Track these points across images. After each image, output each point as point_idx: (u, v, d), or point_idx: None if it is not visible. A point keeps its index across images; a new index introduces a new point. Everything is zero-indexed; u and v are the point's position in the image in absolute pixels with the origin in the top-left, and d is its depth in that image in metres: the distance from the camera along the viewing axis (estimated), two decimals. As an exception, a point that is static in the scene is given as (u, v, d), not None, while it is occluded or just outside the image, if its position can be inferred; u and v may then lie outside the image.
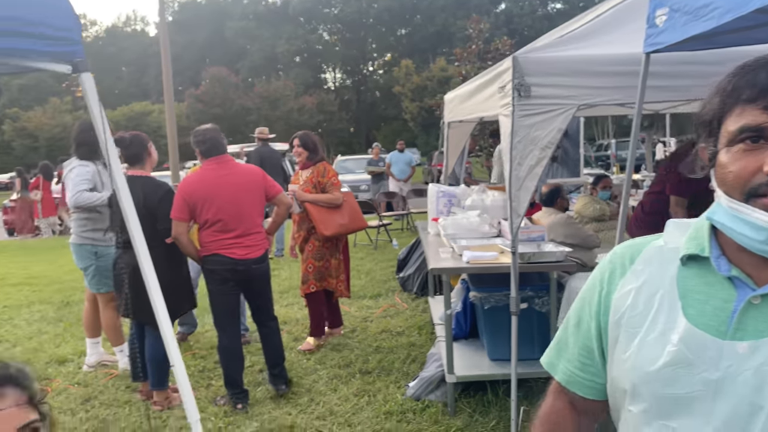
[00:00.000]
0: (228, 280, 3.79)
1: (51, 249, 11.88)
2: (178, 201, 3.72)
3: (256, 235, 3.85)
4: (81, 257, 4.57)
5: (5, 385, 1.06)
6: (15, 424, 1.03)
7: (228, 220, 3.74)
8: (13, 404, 1.04)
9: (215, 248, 3.76)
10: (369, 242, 9.90)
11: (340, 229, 4.81)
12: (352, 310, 6.02)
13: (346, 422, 3.64)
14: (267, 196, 3.94)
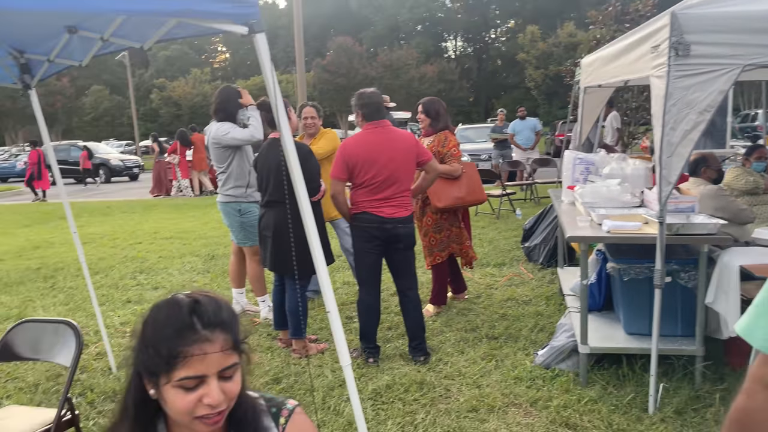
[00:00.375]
0: (375, 237, 3.95)
1: (196, 207, 12.92)
2: (339, 162, 3.92)
3: (405, 198, 3.99)
4: (227, 214, 4.94)
5: (216, 329, 1.15)
6: (217, 368, 1.14)
7: (382, 182, 3.89)
8: (218, 349, 1.14)
9: (365, 207, 3.94)
10: (491, 211, 9.80)
11: (455, 202, 4.76)
12: (476, 277, 6.04)
13: (475, 383, 3.70)
14: (418, 162, 4.04)
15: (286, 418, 1.29)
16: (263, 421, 1.27)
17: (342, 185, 3.98)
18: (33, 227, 11.19)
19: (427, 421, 3.25)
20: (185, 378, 1.12)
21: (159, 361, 1.13)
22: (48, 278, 6.88)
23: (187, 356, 1.12)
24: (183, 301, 1.17)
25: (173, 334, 1.13)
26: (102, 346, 4.43)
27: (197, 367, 1.12)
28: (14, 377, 4.08)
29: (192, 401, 1.13)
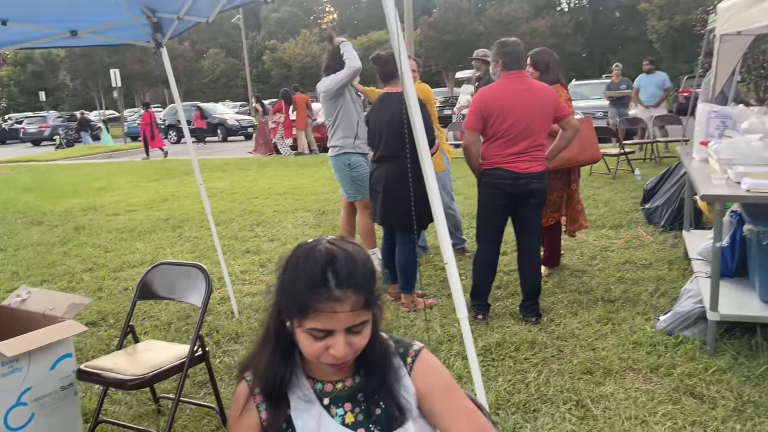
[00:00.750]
0: (505, 195, 3.84)
1: (306, 165, 13.33)
2: (474, 111, 3.82)
3: (539, 152, 3.84)
4: (337, 169, 5.03)
5: (348, 290, 1.15)
6: (345, 325, 1.16)
7: (517, 135, 3.76)
8: (348, 309, 1.15)
9: (498, 162, 3.82)
10: (607, 171, 9.32)
11: (565, 162, 4.52)
12: (590, 239, 5.80)
13: (589, 346, 3.58)
14: (555, 117, 3.87)
15: (413, 358, 1.30)
16: (392, 360, 1.29)
17: (475, 136, 3.88)
18: (161, 181, 12.06)
19: (539, 380, 3.20)
20: (314, 329, 1.16)
21: (292, 308, 1.18)
22: (176, 228, 7.41)
23: (317, 311, 1.14)
24: (320, 255, 1.17)
25: (305, 287, 1.15)
26: (225, 291, 4.73)
27: (326, 322, 1.15)
28: (150, 316, 4.46)
29: (319, 348, 1.17)
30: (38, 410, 2.68)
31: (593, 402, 2.97)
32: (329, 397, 1.27)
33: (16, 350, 2.53)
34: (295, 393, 1.26)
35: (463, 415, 1.28)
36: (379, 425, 1.25)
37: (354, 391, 1.28)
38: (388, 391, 1.25)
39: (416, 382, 1.28)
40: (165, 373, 2.65)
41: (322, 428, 1.23)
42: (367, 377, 1.27)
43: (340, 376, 1.26)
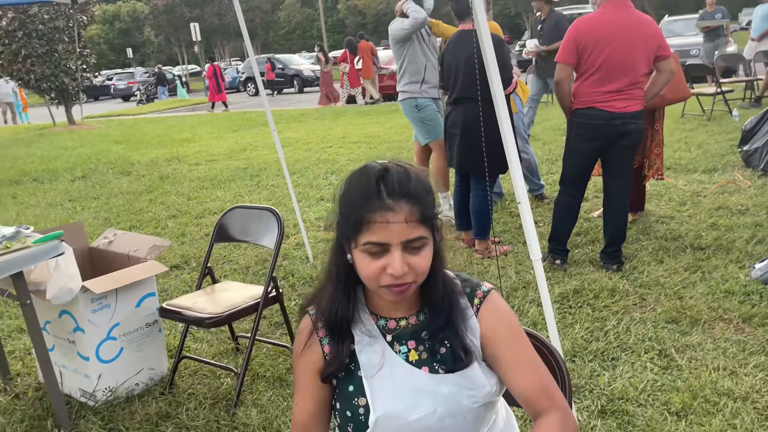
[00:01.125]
0: (598, 137, 3.60)
1: (381, 113, 13.26)
2: (568, 43, 3.56)
3: (637, 90, 3.54)
4: (406, 112, 4.94)
5: (401, 200, 1.11)
6: (400, 238, 1.10)
7: (613, 70, 3.48)
8: (401, 220, 1.10)
9: (592, 101, 3.56)
10: (701, 112, 8.67)
11: (654, 101, 4.16)
12: (680, 184, 5.45)
13: (675, 294, 3.39)
14: (656, 56, 3.51)
15: (481, 299, 1.24)
16: (458, 299, 1.23)
17: (569, 70, 3.60)
18: (239, 132, 12.35)
19: (619, 329, 3.07)
20: (369, 243, 1.12)
21: (348, 226, 1.14)
22: (253, 177, 7.58)
23: (371, 222, 1.11)
24: (373, 170, 1.15)
25: (360, 200, 1.13)
26: (300, 237, 4.81)
27: (380, 234, 1.11)
28: (230, 260, 4.61)
29: (377, 268, 1.12)
30: (126, 344, 2.84)
31: (678, 352, 2.82)
32: (392, 333, 1.23)
33: (104, 287, 2.67)
34: (359, 328, 1.24)
35: (525, 366, 1.21)
36: (443, 364, 1.20)
37: (418, 329, 1.23)
38: (453, 330, 1.20)
39: (482, 324, 1.22)
40: (241, 313, 2.72)
41: (386, 364, 1.20)
42: (432, 315, 1.22)
43: (402, 303, 1.20)
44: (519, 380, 1.20)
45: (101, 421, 2.62)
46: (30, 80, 14.78)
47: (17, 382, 3.05)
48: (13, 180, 8.70)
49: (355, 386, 1.21)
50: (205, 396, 2.78)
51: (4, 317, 3.88)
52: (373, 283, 1.15)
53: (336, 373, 1.22)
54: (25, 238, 2.53)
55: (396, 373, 1.19)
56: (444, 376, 1.19)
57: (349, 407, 1.20)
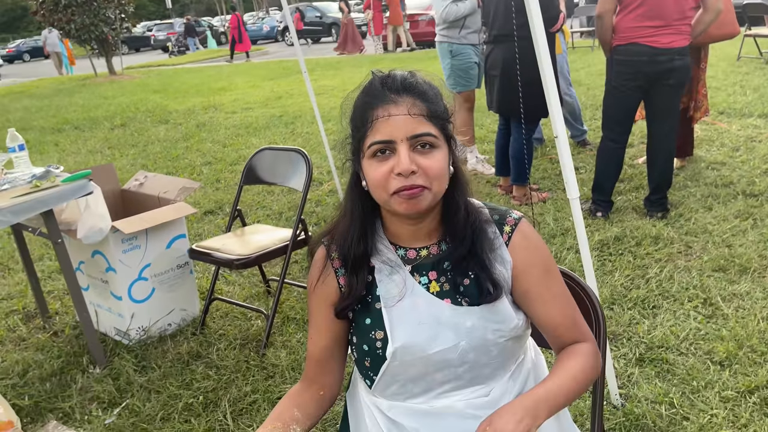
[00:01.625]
0: (640, 75, 3.37)
1: (420, 60, 12.93)
2: None
3: (684, 24, 3.30)
4: (440, 55, 4.74)
5: (403, 93, 1.05)
6: (404, 133, 1.02)
7: (658, 5, 3.24)
8: (405, 112, 1.03)
9: (635, 36, 3.33)
10: (758, 55, 8.14)
11: (700, 38, 3.86)
12: (734, 129, 5.14)
13: (723, 242, 3.21)
14: None
15: (512, 227, 1.14)
16: (485, 227, 1.13)
17: (612, 3, 3.35)
18: (276, 80, 12.24)
19: (661, 276, 2.93)
20: (373, 143, 1.04)
21: (355, 135, 1.08)
22: (288, 124, 7.51)
23: (374, 119, 1.04)
24: (377, 74, 1.10)
25: (362, 102, 1.07)
26: (333, 184, 4.75)
27: (383, 130, 1.03)
28: (262, 206, 4.60)
29: (384, 171, 1.04)
30: (158, 285, 2.86)
31: (724, 300, 2.68)
32: (412, 264, 1.15)
33: (133, 228, 2.66)
34: (377, 258, 1.16)
35: (557, 299, 1.14)
36: (467, 297, 1.12)
37: (440, 258, 1.14)
38: (479, 260, 1.11)
39: (514, 255, 1.13)
40: (269, 255, 2.69)
41: (408, 294, 1.12)
42: (455, 243, 1.13)
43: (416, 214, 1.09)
44: (549, 312, 1.13)
45: (135, 359, 2.66)
46: (71, 30, 14.89)
47: (55, 320, 3.13)
48: (56, 128, 8.86)
49: (373, 319, 1.13)
50: (235, 337, 2.79)
51: (45, 258, 3.97)
52: (382, 193, 1.06)
53: (351, 306, 1.15)
54: (54, 177, 2.53)
55: (417, 304, 1.12)
56: (468, 309, 1.11)
57: (366, 341, 1.14)
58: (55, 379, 2.58)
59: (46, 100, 12.67)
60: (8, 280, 3.70)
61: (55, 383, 2.55)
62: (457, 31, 4.52)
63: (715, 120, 5.42)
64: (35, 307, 3.20)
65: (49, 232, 2.49)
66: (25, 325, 3.10)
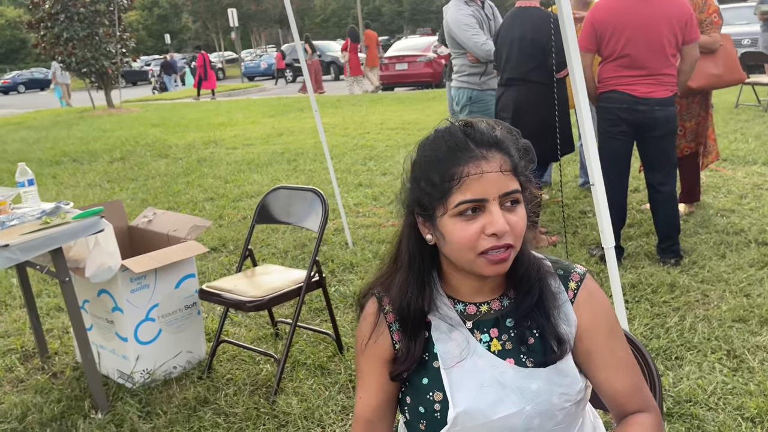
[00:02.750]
0: (622, 121, 3.40)
1: (419, 101, 13.06)
2: (587, 28, 3.40)
3: (665, 76, 3.32)
4: (458, 100, 4.73)
5: (492, 148, 1.01)
6: (497, 191, 0.98)
7: (635, 55, 3.28)
8: (497, 168, 0.99)
9: (615, 84, 3.38)
10: (756, 102, 8.27)
11: (712, 80, 3.90)
12: (739, 176, 5.16)
13: (741, 291, 3.17)
14: (683, 38, 3.30)
15: (578, 283, 1.08)
16: (549, 281, 1.08)
17: (589, 57, 3.44)
18: (276, 117, 12.29)
19: (682, 326, 2.87)
20: (462, 202, 0.98)
21: (432, 191, 1.01)
22: (291, 161, 7.49)
23: (463, 176, 0.98)
24: (453, 126, 1.04)
25: (445, 156, 1.00)
26: (339, 223, 4.69)
27: (474, 188, 0.98)
28: (267, 244, 4.52)
29: (474, 232, 0.98)
30: (165, 326, 2.76)
31: (749, 353, 2.61)
32: (472, 320, 1.08)
33: (143, 267, 2.58)
34: (435, 314, 1.08)
35: (624, 366, 1.08)
36: (531, 356, 1.05)
37: (502, 314, 1.08)
38: (544, 315, 1.05)
39: (580, 314, 1.07)
40: (283, 297, 2.61)
41: (469, 355, 1.05)
42: (519, 297, 1.07)
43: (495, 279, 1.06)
44: (614, 378, 1.06)
45: (138, 404, 2.54)
46: (71, 63, 14.97)
47: (55, 361, 3.01)
48: (54, 161, 8.79)
49: (430, 379, 1.06)
50: (244, 382, 2.69)
51: (43, 295, 3.85)
52: (469, 253, 0.99)
53: (408, 370, 1.08)
54: (64, 213, 2.46)
55: (478, 365, 1.05)
56: (532, 371, 1.04)
57: (422, 402, 1.06)
58: (55, 424, 2.46)
59: (43, 131, 12.62)
60: (5, 317, 3.58)
61: (55, 429, 2.43)
62: (479, 77, 4.46)
63: (719, 167, 5.44)
64: (34, 345, 3.09)
65: (57, 270, 2.40)
66: (23, 365, 2.97)
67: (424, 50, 16.28)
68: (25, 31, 15.29)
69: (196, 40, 49.57)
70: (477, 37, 4.24)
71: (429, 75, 16.02)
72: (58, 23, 14.52)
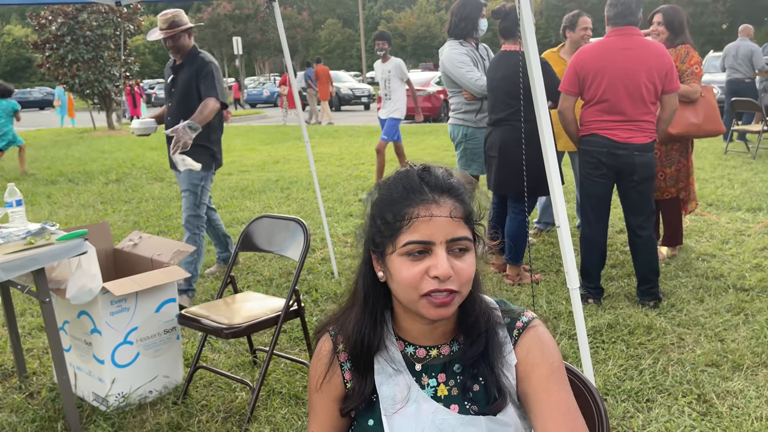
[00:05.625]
0: (602, 165, 3.48)
1: (414, 134, 13.22)
2: (570, 72, 3.51)
3: (645, 123, 3.42)
4: (453, 137, 4.81)
5: (444, 194, 1.04)
6: (445, 236, 1.01)
7: (615, 101, 3.38)
8: (446, 214, 1.02)
9: (595, 128, 3.47)
10: (745, 150, 8.41)
11: (691, 129, 4.01)
12: (722, 221, 5.23)
13: (716, 336, 3.20)
14: (663, 88, 3.41)
15: (520, 330, 1.11)
16: (498, 331, 1.10)
17: (571, 101, 3.55)
18: (273, 145, 12.43)
19: (655, 368, 2.90)
20: (410, 242, 1.01)
21: (385, 229, 1.05)
22: (284, 189, 7.57)
23: (413, 218, 1.02)
24: (412, 168, 1.09)
25: (399, 197, 1.05)
26: (326, 252, 4.73)
27: (423, 230, 1.01)
28: (253, 271, 4.56)
29: (418, 273, 1.01)
30: (143, 350, 2.78)
31: (718, 398, 2.64)
32: (421, 363, 1.11)
33: (124, 290, 2.62)
34: (382, 356, 1.11)
35: (561, 414, 1.05)
36: (475, 404, 1.07)
37: (450, 360, 1.10)
38: (489, 366, 1.07)
39: (519, 357, 1.09)
40: (260, 325, 2.64)
41: (411, 400, 1.08)
42: (466, 345, 1.09)
43: (439, 323, 1.07)
44: (547, 425, 1.04)
45: (111, 428, 2.55)
46: (75, 84, 15.17)
47: (32, 380, 3.02)
48: (50, 180, 8.86)
49: (376, 421, 1.09)
50: (218, 409, 2.70)
51: (26, 314, 3.87)
52: (412, 293, 1.02)
53: (357, 408, 1.11)
54: (49, 234, 2.50)
55: (421, 411, 1.07)
56: (473, 418, 1.06)
57: None
58: (26, 445, 2.46)
59: (42, 150, 12.73)
60: (-14, 335, 3.59)
61: (25, 450, 2.43)
62: (474, 114, 4.55)
63: (704, 212, 5.52)
64: (13, 365, 3.10)
65: (37, 290, 2.44)
66: (1, 384, 2.98)
67: (424, 85, 16.54)
68: (31, 51, 15.49)
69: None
70: (471, 74, 4.36)
71: (428, 109, 16.25)
72: (64, 45, 14.76)
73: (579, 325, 1.95)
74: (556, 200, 1.84)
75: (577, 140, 3.62)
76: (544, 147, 1.96)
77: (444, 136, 11.81)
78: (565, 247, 1.83)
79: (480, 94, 4.37)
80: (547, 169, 1.94)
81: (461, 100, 4.57)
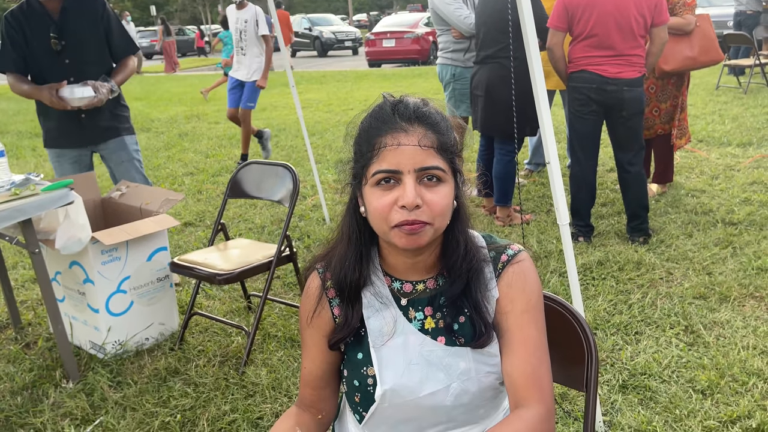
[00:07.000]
0: (591, 101, 3.45)
1: (405, 77, 13.01)
2: (558, 7, 3.42)
3: (634, 57, 3.36)
4: (442, 77, 4.74)
5: (415, 122, 1.01)
6: (413, 165, 0.99)
7: (605, 35, 3.32)
8: (414, 142, 0.99)
9: (584, 64, 3.42)
10: (737, 85, 8.34)
11: (686, 63, 3.93)
12: (712, 157, 5.24)
13: (704, 269, 3.25)
14: (652, 20, 3.34)
15: (504, 264, 1.09)
16: (482, 265, 1.09)
17: (560, 36, 3.47)
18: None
19: (644, 302, 2.95)
20: (378, 172, 1.00)
21: (359, 160, 1.04)
22: (272, 137, 7.47)
23: (381, 147, 1.00)
24: (387, 98, 1.07)
25: (371, 127, 1.03)
26: (317, 199, 4.72)
27: (389, 159, 1.00)
28: (245, 219, 4.55)
29: (387, 203, 1.00)
30: (137, 298, 2.79)
31: (705, 328, 2.70)
32: (408, 297, 1.11)
33: (114, 239, 2.60)
34: (369, 290, 1.11)
35: (525, 346, 1.04)
36: (462, 336, 1.08)
37: (436, 293, 1.10)
38: (473, 301, 1.07)
39: (501, 292, 1.08)
40: (253, 270, 2.65)
41: (398, 332, 1.09)
42: (451, 278, 1.09)
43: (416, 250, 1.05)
44: (512, 360, 1.04)
45: (110, 374, 2.59)
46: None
47: (28, 331, 3.04)
48: (34, 133, 8.70)
49: (365, 354, 1.10)
50: (214, 353, 2.74)
51: (18, 267, 3.87)
52: (382, 224, 1.01)
53: (345, 339, 1.12)
54: (34, 185, 2.46)
55: (408, 343, 1.08)
56: (460, 349, 1.07)
57: (356, 376, 1.10)
58: (26, 393, 2.50)
59: (24, 103, 12.41)
60: (-21, 289, 3.59)
61: (26, 397, 2.47)
62: (462, 54, 4.47)
63: (695, 148, 5.52)
64: (7, 317, 3.11)
65: (26, 241, 2.42)
66: (-4, 336, 3.00)
67: (412, 27, 16.19)
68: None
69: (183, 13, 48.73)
70: (460, 11, 4.25)
71: (416, 52, 15.96)
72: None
73: (569, 260, 1.96)
74: (547, 137, 1.82)
75: (566, 77, 3.56)
76: (534, 84, 1.92)
77: (433, 79, 11.62)
78: (555, 183, 1.82)
79: (468, 33, 4.27)
80: (537, 107, 1.91)
81: (450, 39, 4.48)
